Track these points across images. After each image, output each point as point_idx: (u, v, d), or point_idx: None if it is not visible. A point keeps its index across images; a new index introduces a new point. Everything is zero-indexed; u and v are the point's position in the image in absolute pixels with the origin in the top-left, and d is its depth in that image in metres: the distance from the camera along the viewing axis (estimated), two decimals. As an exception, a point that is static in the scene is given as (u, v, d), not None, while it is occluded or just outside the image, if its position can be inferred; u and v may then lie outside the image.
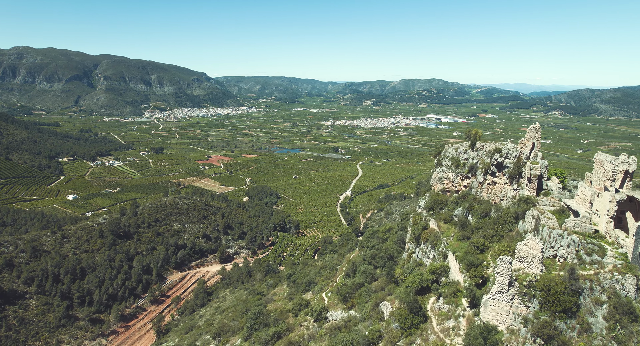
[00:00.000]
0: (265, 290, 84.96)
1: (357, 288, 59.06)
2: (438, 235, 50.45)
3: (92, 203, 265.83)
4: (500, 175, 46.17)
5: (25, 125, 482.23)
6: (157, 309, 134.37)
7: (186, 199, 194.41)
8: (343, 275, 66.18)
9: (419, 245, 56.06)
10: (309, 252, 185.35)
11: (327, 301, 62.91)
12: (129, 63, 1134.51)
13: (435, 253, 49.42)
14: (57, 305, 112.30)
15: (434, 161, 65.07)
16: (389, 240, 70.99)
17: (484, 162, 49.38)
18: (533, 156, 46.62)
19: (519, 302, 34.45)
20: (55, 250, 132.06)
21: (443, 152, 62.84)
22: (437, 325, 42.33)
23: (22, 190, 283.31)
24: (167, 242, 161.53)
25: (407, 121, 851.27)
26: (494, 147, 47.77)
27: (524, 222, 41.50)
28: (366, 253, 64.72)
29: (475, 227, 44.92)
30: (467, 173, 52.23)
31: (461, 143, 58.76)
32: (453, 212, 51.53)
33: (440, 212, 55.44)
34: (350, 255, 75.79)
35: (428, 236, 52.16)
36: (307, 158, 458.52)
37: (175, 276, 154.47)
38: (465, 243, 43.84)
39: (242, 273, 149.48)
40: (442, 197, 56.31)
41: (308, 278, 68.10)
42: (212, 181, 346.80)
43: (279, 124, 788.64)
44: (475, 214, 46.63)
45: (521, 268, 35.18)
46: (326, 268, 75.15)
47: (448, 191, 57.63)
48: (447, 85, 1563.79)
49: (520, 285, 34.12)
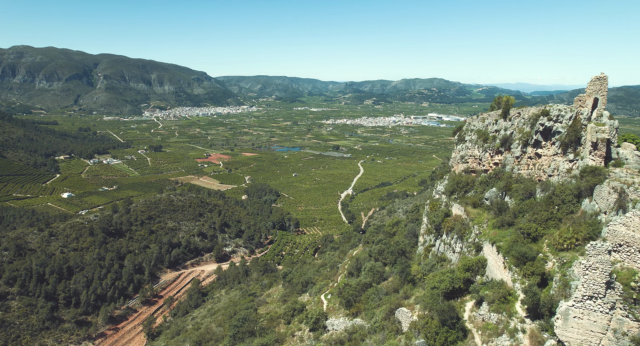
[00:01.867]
0: (258, 290, 77.79)
1: (363, 289, 49.22)
2: (466, 223, 41.62)
3: (87, 201, 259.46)
4: (548, 144, 36.18)
5: (23, 123, 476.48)
6: (149, 310, 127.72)
7: (181, 196, 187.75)
8: (345, 274, 57.13)
9: (439, 236, 46.70)
10: (309, 250, 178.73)
11: (326, 305, 53.70)
12: (129, 62, 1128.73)
13: (464, 245, 39.93)
14: (41, 306, 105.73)
15: (454, 138, 55.93)
16: (398, 234, 61.89)
17: (522, 131, 39.78)
18: (597, 116, 36.12)
19: (624, 313, 22.57)
20: (41, 249, 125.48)
21: (466, 125, 53.34)
22: (483, 343, 31.03)
23: (16, 188, 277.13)
24: (160, 240, 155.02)
25: (409, 120, 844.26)
26: (536, 111, 38.28)
27: (592, 200, 31.33)
28: (372, 248, 55.35)
29: (518, 210, 35.98)
30: (499, 147, 43.27)
31: (489, 114, 48.99)
32: (483, 194, 42.98)
33: (465, 195, 46.67)
34: (353, 252, 67.11)
35: (452, 224, 43.45)
36: (308, 157, 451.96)
37: (168, 276, 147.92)
38: (507, 230, 34.75)
39: (238, 273, 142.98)
40: (466, 178, 47.60)
41: (305, 278, 59.36)
42: (211, 179, 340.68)
43: (280, 123, 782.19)
44: (515, 195, 37.84)
45: (618, 260, 24.27)
46: (326, 266, 66.90)
47: (473, 171, 48.83)
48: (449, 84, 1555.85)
49: (624, 286, 22.67)
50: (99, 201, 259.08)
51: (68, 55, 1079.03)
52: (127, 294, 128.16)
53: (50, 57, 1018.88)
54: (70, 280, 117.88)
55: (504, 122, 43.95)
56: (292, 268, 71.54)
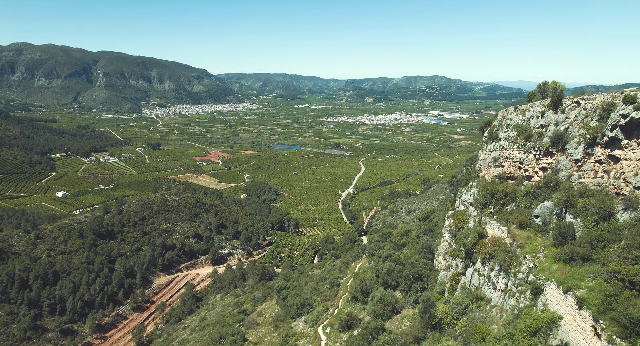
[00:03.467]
0: (250, 305, 70.78)
1: (373, 334, 35.95)
2: (511, 250, 29.99)
3: (82, 200, 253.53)
4: (634, 143, 25.62)
5: (19, 120, 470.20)
6: (140, 317, 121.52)
7: (176, 196, 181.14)
8: (348, 297, 47.02)
9: (471, 263, 34.87)
10: (308, 252, 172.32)
11: (324, 342, 42.04)
12: (129, 59, 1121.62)
13: (511, 281, 28.57)
14: (23, 314, 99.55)
15: (483, 136, 44.02)
16: (408, 247, 51.94)
17: (586, 126, 28.16)
18: None
19: None
20: (26, 252, 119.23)
21: (498, 120, 41.69)
22: None
23: (9, 187, 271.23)
24: (154, 242, 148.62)
25: (410, 117, 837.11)
26: (607, 98, 26.63)
27: None
28: (379, 266, 45.20)
29: (595, 238, 24.04)
30: (549, 147, 32.48)
31: (530, 105, 37.21)
32: (531, 209, 31.91)
33: (503, 209, 35.22)
34: (357, 265, 59.05)
35: (491, 251, 31.70)
36: (308, 155, 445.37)
37: (162, 280, 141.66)
38: (582, 269, 22.98)
39: (235, 277, 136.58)
40: (504, 187, 35.83)
41: (301, 299, 51.06)
42: (210, 177, 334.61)
43: (280, 121, 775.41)
44: (583, 215, 26.09)
45: None
46: (325, 281, 58.76)
47: (511, 177, 37.56)
48: (450, 82, 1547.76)
49: None
50: (94, 200, 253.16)
51: (67, 52, 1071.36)
52: (117, 300, 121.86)
53: (50, 54, 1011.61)
54: (55, 286, 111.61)
55: (554, 114, 33.61)
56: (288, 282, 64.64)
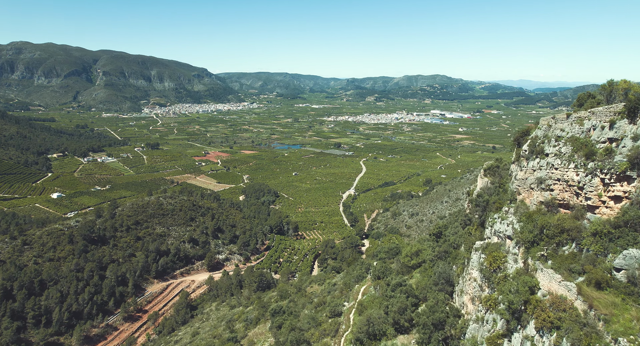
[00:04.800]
0: (242, 326, 65.28)
1: None
2: (589, 322, 19.86)
3: (78, 201, 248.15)
4: None
5: (17, 120, 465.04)
6: (131, 328, 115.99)
7: (172, 199, 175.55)
8: (352, 339, 39.36)
9: (519, 326, 25.11)
10: (308, 257, 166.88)
11: None
12: (129, 58, 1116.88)
13: None
14: (5, 327, 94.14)
15: (517, 148, 34.75)
16: (421, 273, 44.36)
17: None
18: None
19: None
20: (11, 260, 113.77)
21: (543, 129, 31.33)
22: None
23: (4, 188, 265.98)
24: (147, 247, 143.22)
25: (411, 117, 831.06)
26: None
27: None
28: (389, 301, 37.98)
29: None
30: (626, 170, 23.11)
31: (591, 111, 26.29)
32: (608, 258, 22.19)
33: (559, 252, 25.29)
34: (360, 289, 52.62)
35: (554, 318, 21.48)
36: (309, 155, 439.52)
37: (155, 287, 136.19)
38: None
39: (231, 284, 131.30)
40: (559, 221, 25.82)
41: (296, 334, 44.20)
42: (208, 178, 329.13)
43: (280, 120, 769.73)
44: None
45: None
46: (325, 306, 52.68)
47: (565, 205, 27.89)
48: (451, 81, 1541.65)
49: None
50: (89, 201, 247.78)
51: (67, 51, 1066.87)
52: (108, 309, 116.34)
53: (49, 53, 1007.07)
54: (41, 296, 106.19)
55: (629, 125, 24.35)
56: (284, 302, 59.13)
